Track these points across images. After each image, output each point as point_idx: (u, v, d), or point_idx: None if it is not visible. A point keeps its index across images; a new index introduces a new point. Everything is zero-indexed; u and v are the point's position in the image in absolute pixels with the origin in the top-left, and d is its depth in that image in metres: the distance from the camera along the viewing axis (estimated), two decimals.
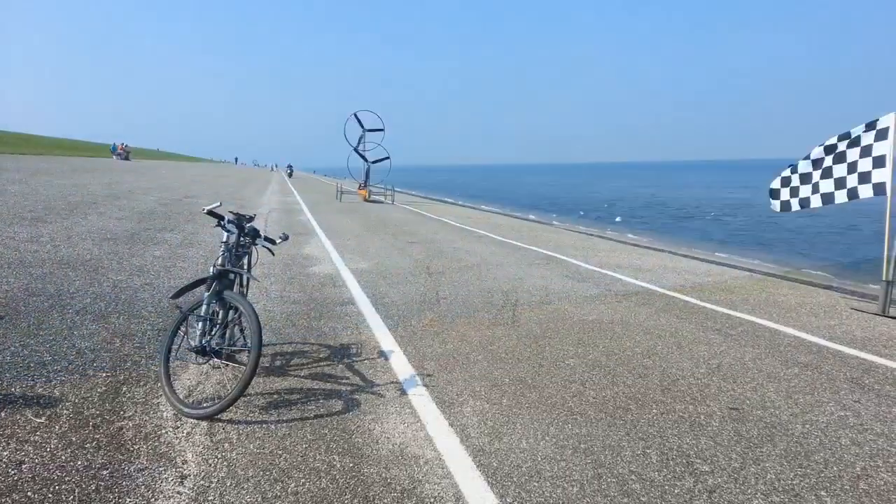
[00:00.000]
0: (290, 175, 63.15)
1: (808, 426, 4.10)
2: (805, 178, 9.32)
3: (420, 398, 4.32)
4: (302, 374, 4.72)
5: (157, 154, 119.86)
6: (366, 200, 29.47)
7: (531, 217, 27.38)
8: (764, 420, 4.18)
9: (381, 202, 29.09)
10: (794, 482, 3.33)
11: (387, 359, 5.18)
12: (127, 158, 53.91)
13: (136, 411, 3.88)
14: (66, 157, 42.51)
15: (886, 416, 4.32)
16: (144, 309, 6.12)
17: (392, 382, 4.63)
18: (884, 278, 8.16)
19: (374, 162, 32.29)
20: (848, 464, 3.58)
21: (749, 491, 3.22)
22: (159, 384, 4.21)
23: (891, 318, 7.86)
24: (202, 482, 3.11)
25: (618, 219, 31.54)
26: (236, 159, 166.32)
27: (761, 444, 3.81)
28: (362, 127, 31.92)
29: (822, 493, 3.23)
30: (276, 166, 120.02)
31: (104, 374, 4.37)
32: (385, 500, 2.99)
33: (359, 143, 31.91)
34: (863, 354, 5.88)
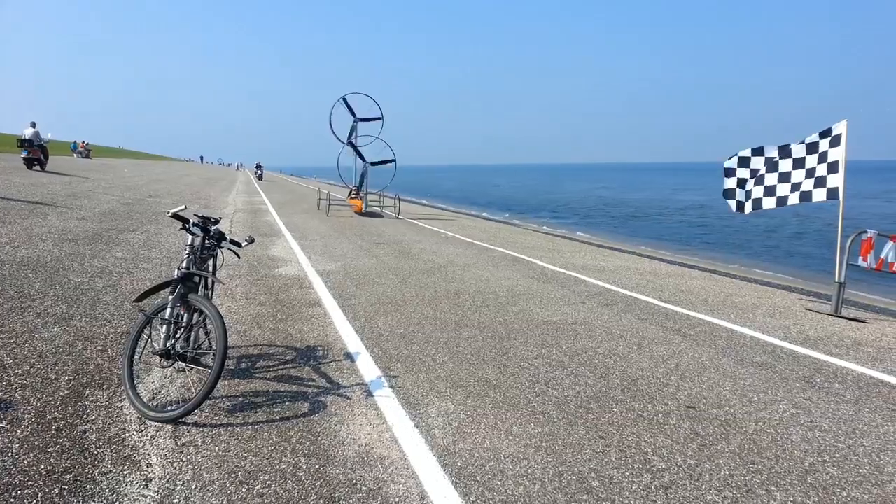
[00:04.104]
0: (259, 176, 53.64)
1: (761, 424, 4.26)
2: (759, 180, 9.59)
3: (386, 399, 4.37)
4: (268, 377, 4.73)
5: (119, 152, 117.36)
6: (360, 213, 22.26)
7: (493, 216, 27.61)
8: (719, 418, 4.33)
9: (382, 216, 22.20)
10: (747, 478, 3.47)
11: (353, 360, 5.22)
12: (88, 157, 52.69)
13: (99, 415, 3.86)
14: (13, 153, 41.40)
15: (834, 414, 4.51)
16: (107, 311, 6.05)
17: (358, 384, 4.67)
18: (836, 280, 8.46)
19: (374, 164, 23.92)
20: (797, 459, 3.73)
21: (703, 487, 3.34)
22: (122, 388, 4.18)
23: (843, 318, 8.16)
24: (167, 485, 3.12)
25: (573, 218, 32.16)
26: (202, 158, 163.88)
27: (716, 441, 3.95)
28: (353, 115, 23.88)
29: (773, 487, 3.37)
30: (242, 165, 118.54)
31: (66, 378, 4.32)
32: (350, 501, 3.03)
33: (350, 135, 24.09)
34: (815, 354, 6.10)
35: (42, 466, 3.16)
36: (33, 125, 25.78)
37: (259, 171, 54.26)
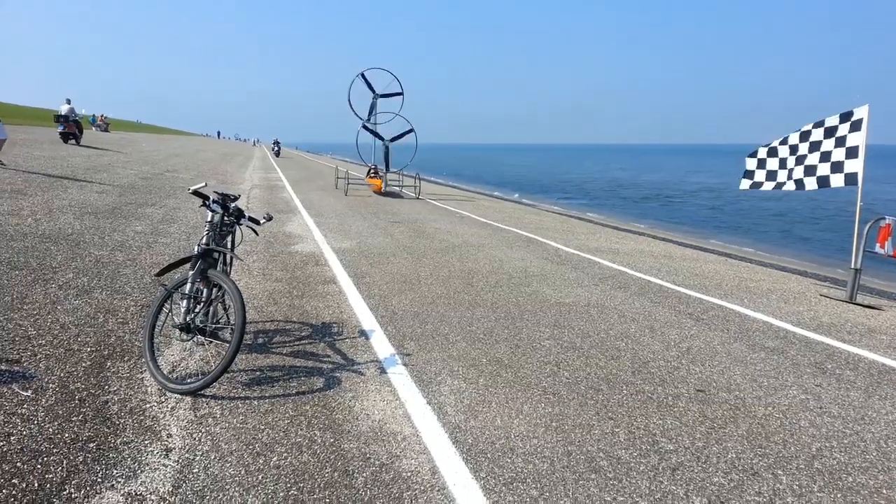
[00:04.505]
0: (277, 153, 53.84)
1: (770, 408, 4.30)
2: (782, 163, 9.53)
3: (399, 377, 4.45)
4: (284, 352, 4.83)
5: (136, 126, 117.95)
6: (379, 193, 21.29)
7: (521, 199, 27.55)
8: (729, 402, 4.37)
9: (402, 196, 21.24)
10: (754, 461, 3.52)
11: (367, 338, 5.30)
12: (107, 130, 53.03)
13: (120, 386, 3.97)
14: (44, 127, 41.81)
15: (844, 400, 4.53)
16: (127, 285, 6.17)
17: (372, 361, 4.76)
18: (852, 266, 8.41)
19: (392, 140, 22.65)
20: (805, 444, 3.77)
21: (710, 469, 3.39)
22: (143, 360, 4.29)
23: (857, 304, 8.13)
24: (187, 455, 3.22)
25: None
26: (219, 133, 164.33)
27: (725, 424, 3.99)
28: (373, 91, 22.50)
29: (779, 471, 3.41)
30: (259, 141, 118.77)
31: (89, 349, 4.44)
32: (364, 474, 3.12)
33: (370, 114, 22.77)
34: (827, 340, 6.11)
35: (66, 435, 3.28)
36: (68, 101, 28.14)
37: (277, 148, 55.02)
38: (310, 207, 15.40)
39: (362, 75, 22.39)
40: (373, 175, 22.60)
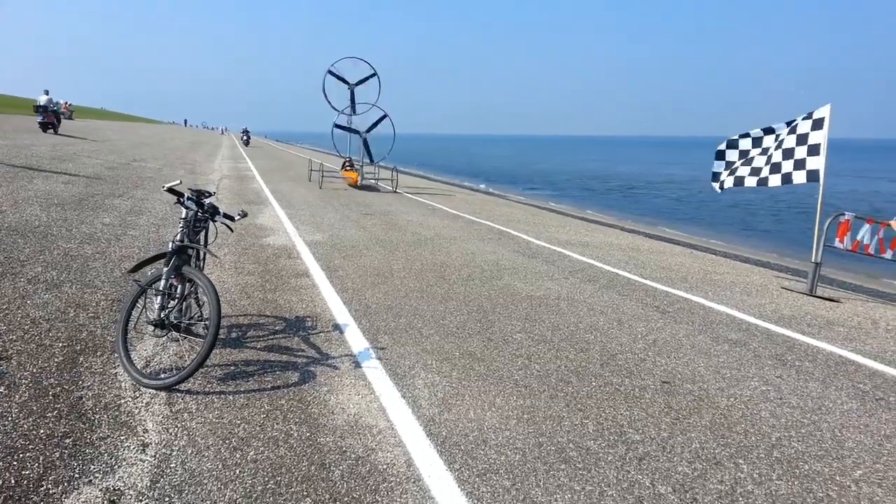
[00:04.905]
0: (246, 142, 52.34)
1: (732, 399, 4.46)
2: (747, 161, 9.77)
3: (374, 371, 4.52)
4: (258, 346, 4.86)
5: (102, 114, 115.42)
6: (354, 186, 20.60)
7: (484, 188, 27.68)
8: (693, 393, 4.52)
9: (378, 189, 20.76)
10: (717, 451, 3.66)
11: (342, 332, 5.35)
12: (70, 118, 51.74)
13: (94, 381, 3.97)
14: (4, 114, 40.70)
15: (802, 391, 4.72)
16: (97, 279, 6.12)
17: (346, 355, 4.81)
18: (813, 260, 8.69)
19: (368, 130, 21.70)
20: (765, 434, 3.94)
21: (675, 458, 3.53)
22: (116, 355, 4.29)
23: (817, 297, 8.41)
24: (164, 450, 3.25)
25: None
26: (185, 121, 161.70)
27: (689, 415, 4.14)
28: (346, 83, 21.53)
29: (741, 460, 3.57)
30: (227, 130, 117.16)
31: (60, 345, 4.42)
32: (341, 468, 3.19)
33: (351, 105, 21.80)
34: (787, 332, 6.33)
35: (42, 431, 3.28)
36: (46, 92, 29.19)
37: (246, 137, 53.70)
38: (281, 199, 15.31)
39: (330, 72, 21.37)
40: (348, 168, 21.70)
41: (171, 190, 4.40)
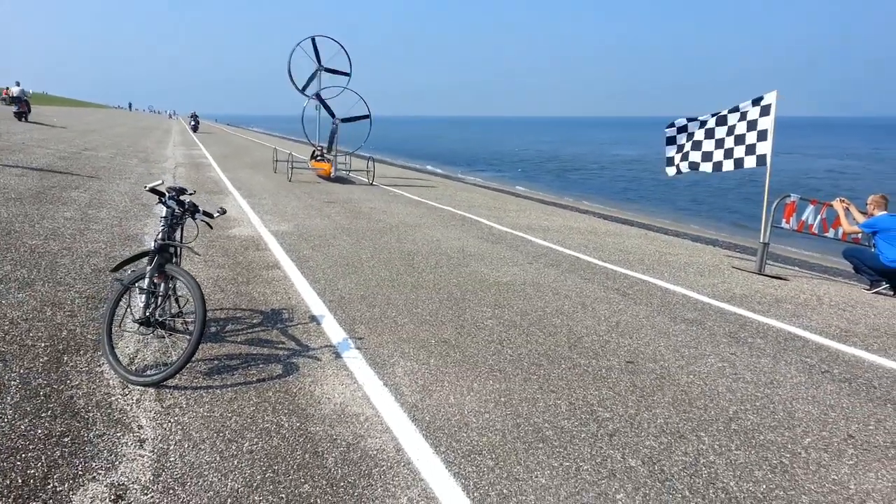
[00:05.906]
0: (195, 127, 49.83)
1: (691, 376, 4.79)
2: (696, 145, 10.18)
3: (354, 360, 4.69)
4: (238, 340, 4.97)
5: (45, 98, 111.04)
6: (326, 178, 18.88)
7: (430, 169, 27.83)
8: (655, 371, 4.83)
9: (353, 182, 19.15)
10: (680, 425, 3.97)
11: (319, 323, 5.50)
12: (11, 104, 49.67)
13: (82, 380, 4.05)
14: None
15: (755, 366, 5.08)
16: (68, 276, 6.11)
17: (326, 346, 4.97)
18: (761, 240, 9.16)
19: (346, 120, 19.53)
20: (723, 408, 4.26)
21: (643, 434, 3.82)
22: (101, 353, 4.36)
23: (766, 276, 8.88)
24: (161, 445, 3.38)
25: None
26: (130, 105, 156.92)
27: (653, 392, 4.44)
28: (318, 63, 19.92)
29: (702, 433, 3.88)
30: (175, 113, 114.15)
31: (43, 344, 4.47)
32: (333, 455, 3.37)
33: (309, 82, 20.21)
34: (740, 311, 6.72)
35: (39, 431, 3.37)
36: (18, 84, 34.56)
37: (194, 122, 51.55)
38: (240, 187, 15.21)
39: (312, 40, 19.63)
40: (318, 158, 19.56)
41: (153, 190, 4.48)
